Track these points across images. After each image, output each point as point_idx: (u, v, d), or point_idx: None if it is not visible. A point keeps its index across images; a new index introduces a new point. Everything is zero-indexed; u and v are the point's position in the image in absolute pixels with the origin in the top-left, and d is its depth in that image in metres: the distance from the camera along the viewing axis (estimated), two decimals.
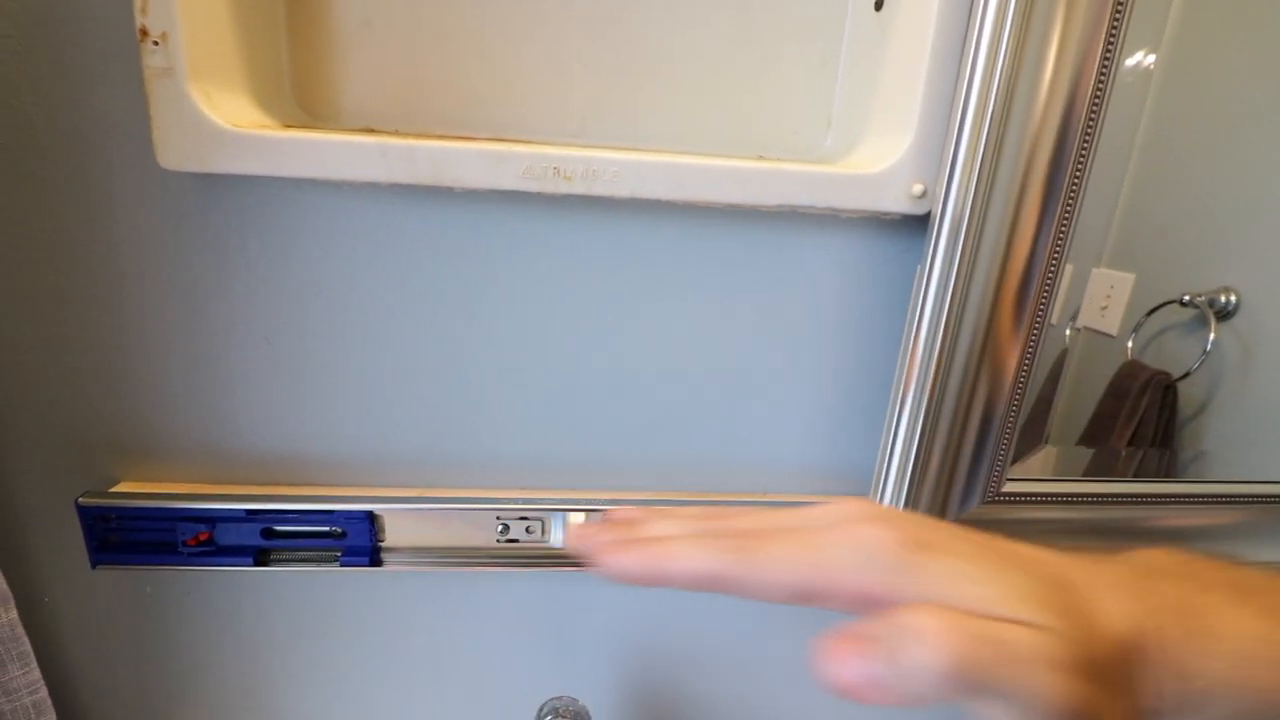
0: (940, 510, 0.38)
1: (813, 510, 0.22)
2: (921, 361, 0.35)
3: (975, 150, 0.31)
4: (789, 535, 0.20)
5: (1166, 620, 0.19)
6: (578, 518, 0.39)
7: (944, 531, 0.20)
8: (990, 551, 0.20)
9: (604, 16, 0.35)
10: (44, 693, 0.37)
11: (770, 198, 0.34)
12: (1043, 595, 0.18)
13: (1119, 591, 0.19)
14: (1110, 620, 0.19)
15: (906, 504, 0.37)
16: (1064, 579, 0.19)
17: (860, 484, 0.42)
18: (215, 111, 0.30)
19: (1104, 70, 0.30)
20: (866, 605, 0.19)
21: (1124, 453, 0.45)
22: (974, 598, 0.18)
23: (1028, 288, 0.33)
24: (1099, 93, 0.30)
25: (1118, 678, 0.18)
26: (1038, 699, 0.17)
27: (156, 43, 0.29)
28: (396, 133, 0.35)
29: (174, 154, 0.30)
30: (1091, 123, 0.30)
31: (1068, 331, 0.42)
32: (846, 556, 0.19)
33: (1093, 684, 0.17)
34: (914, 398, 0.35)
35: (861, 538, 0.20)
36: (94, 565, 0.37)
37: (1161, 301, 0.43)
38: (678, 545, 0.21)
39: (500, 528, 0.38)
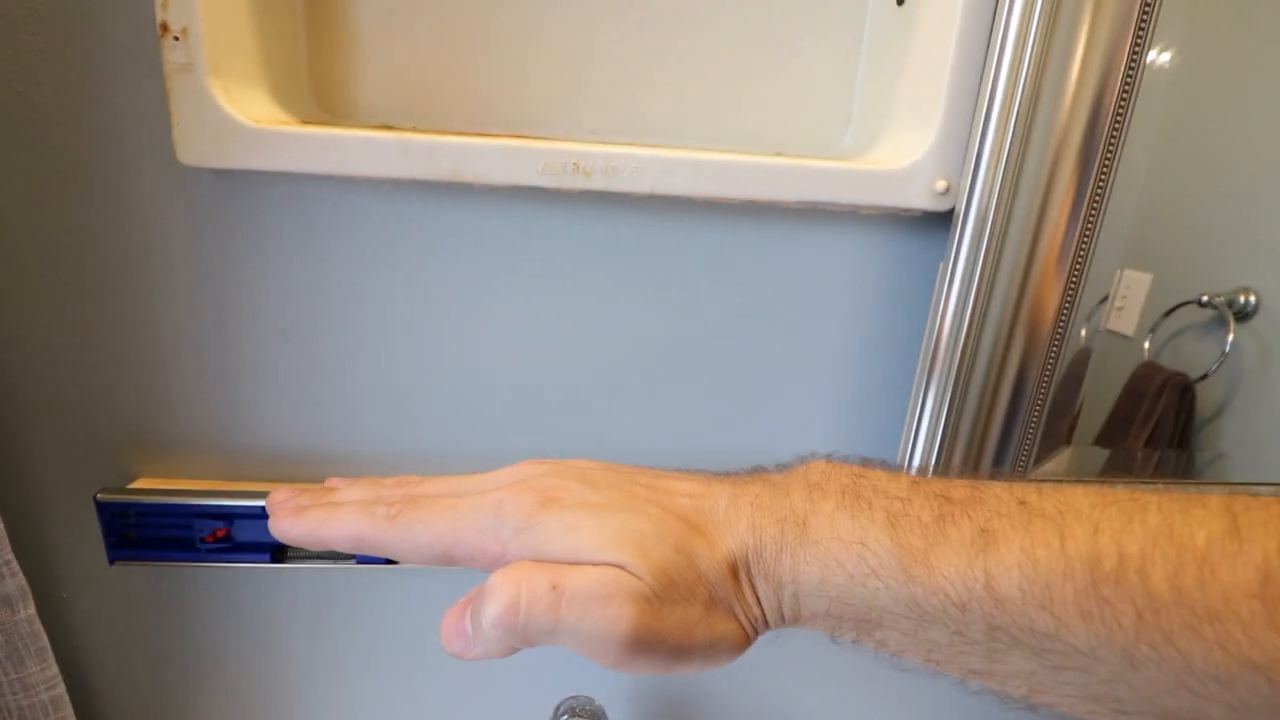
0: None
1: (488, 474, 0.23)
2: (944, 360, 0.34)
3: (1001, 147, 0.31)
4: (441, 501, 0.21)
5: (780, 531, 0.20)
6: None
7: (587, 482, 0.21)
8: (631, 496, 0.21)
9: (622, 13, 0.35)
10: (61, 689, 0.37)
11: (791, 194, 0.33)
12: (640, 534, 0.19)
13: (756, 509, 0.21)
14: (729, 539, 0.20)
15: None
16: (694, 510, 0.21)
17: None
18: (235, 107, 0.30)
19: (1133, 63, 0.29)
20: (496, 565, 0.20)
21: (1141, 454, 0.45)
22: (566, 547, 0.19)
23: (1054, 285, 0.33)
24: (1127, 87, 0.30)
25: (706, 595, 0.20)
26: (591, 629, 0.18)
27: (177, 38, 0.29)
28: (414, 129, 0.35)
29: (194, 150, 0.30)
30: (1120, 117, 0.30)
31: (1082, 331, 0.42)
32: (479, 520, 0.20)
33: (656, 607, 0.19)
34: (936, 396, 0.35)
35: (497, 501, 0.21)
36: (112, 561, 0.37)
37: (1179, 302, 0.42)
38: (338, 511, 0.22)
39: None
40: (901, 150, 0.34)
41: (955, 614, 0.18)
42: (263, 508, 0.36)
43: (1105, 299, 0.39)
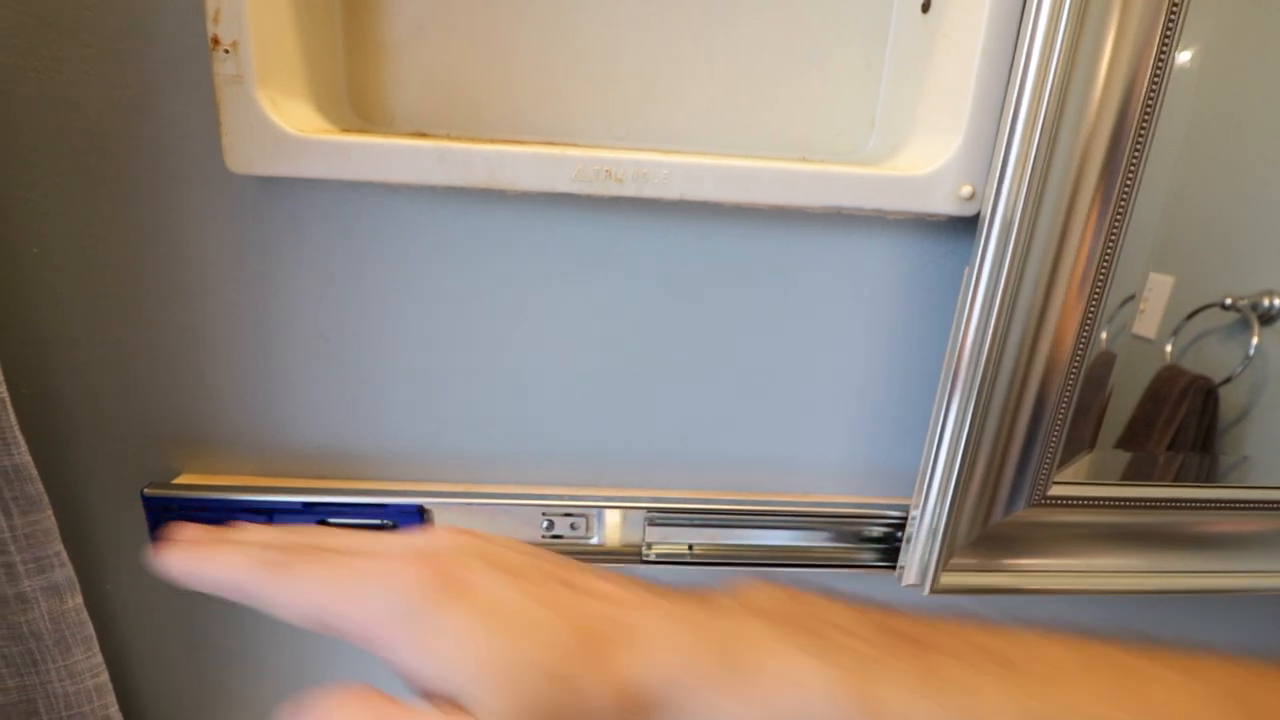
0: (986, 513, 0.38)
1: (399, 535, 0.21)
2: (969, 364, 0.35)
3: (1027, 151, 0.31)
4: (335, 557, 0.19)
5: (708, 659, 0.18)
6: (616, 515, 0.40)
7: (503, 570, 0.19)
8: (540, 600, 0.18)
9: (649, 22, 0.36)
10: (105, 676, 0.38)
11: (818, 199, 0.34)
12: (522, 663, 0.17)
13: (686, 629, 0.18)
14: (643, 662, 0.17)
15: (951, 507, 0.37)
16: (608, 624, 0.18)
17: (904, 485, 0.42)
18: (281, 117, 0.31)
19: (1159, 66, 0.30)
20: (371, 645, 0.18)
21: (1163, 458, 0.45)
22: (437, 659, 0.17)
23: (1079, 289, 0.33)
24: (1154, 90, 0.30)
25: None
26: None
27: (227, 51, 0.30)
28: (447, 136, 0.36)
29: (242, 158, 0.31)
30: (1146, 121, 0.30)
31: (1103, 334, 0.42)
32: (365, 590, 0.18)
33: None
34: (960, 400, 0.35)
35: (389, 571, 0.18)
36: None
37: (1202, 305, 0.42)
38: (230, 550, 0.20)
39: (545, 523, 0.39)
40: (926, 156, 0.35)
41: None
42: (301, 503, 0.37)
43: (1130, 299, 0.39)
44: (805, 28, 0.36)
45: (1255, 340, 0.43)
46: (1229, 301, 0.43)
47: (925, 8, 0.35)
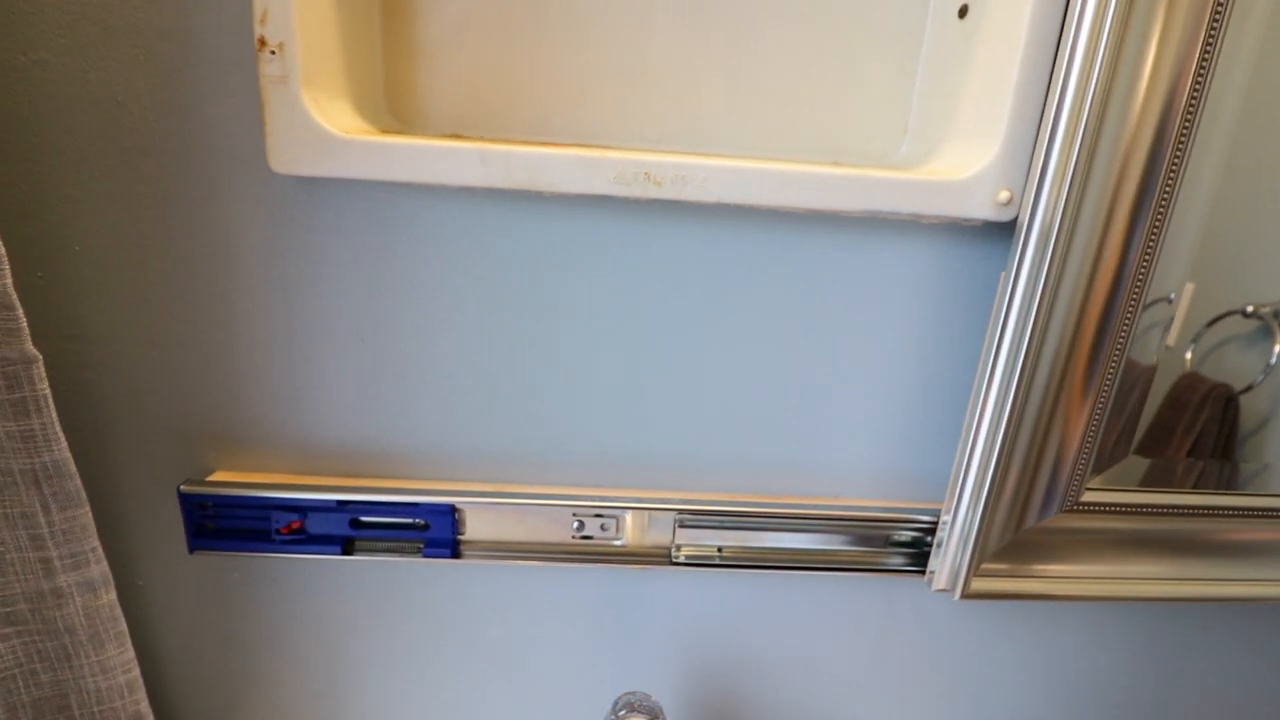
0: (1019, 519, 0.38)
1: None
2: (1004, 368, 0.35)
3: (1067, 158, 0.31)
4: None
5: None
6: (646, 516, 0.40)
7: None
8: None
9: (682, 26, 0.36)
10: (137, 671, 0.38)
11: (856, 203, 0.34)
12: None
13: None
14: None
15: (984, 512, 0.37)
16: None
17: (936, 489, 0.42)
18: (324, 118, 0.31)
19: (1200, 76, 0.30)
20: None
21: (1182, 465, 0.45)
22: None
23: (1116, 296, 0.33)
24: (1194, 98, 0.30)
25: None
26: None
27: (274, 52, 0.30)
28: (480, 138, 0.36)
29: (285, 158, 0.32)
30: (1187, 129, 0.30)
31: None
32: None
33: None
34: (995, 405, 0.35)
35: None
36: (191, 550, 0.38)
37: (1222, 312, 0.42)
38: None
39: (576, 524, 0.39)
40: (962, 161, 0.35)
41: None
42: (335, 501, 0.37)
43: (1161, 300, 0.38)
44: (838, 33, 0.37)
45: (1277, 348, 0.43)
46: (1250, 309, 0.43)
47: (962, 13, 0.35)
